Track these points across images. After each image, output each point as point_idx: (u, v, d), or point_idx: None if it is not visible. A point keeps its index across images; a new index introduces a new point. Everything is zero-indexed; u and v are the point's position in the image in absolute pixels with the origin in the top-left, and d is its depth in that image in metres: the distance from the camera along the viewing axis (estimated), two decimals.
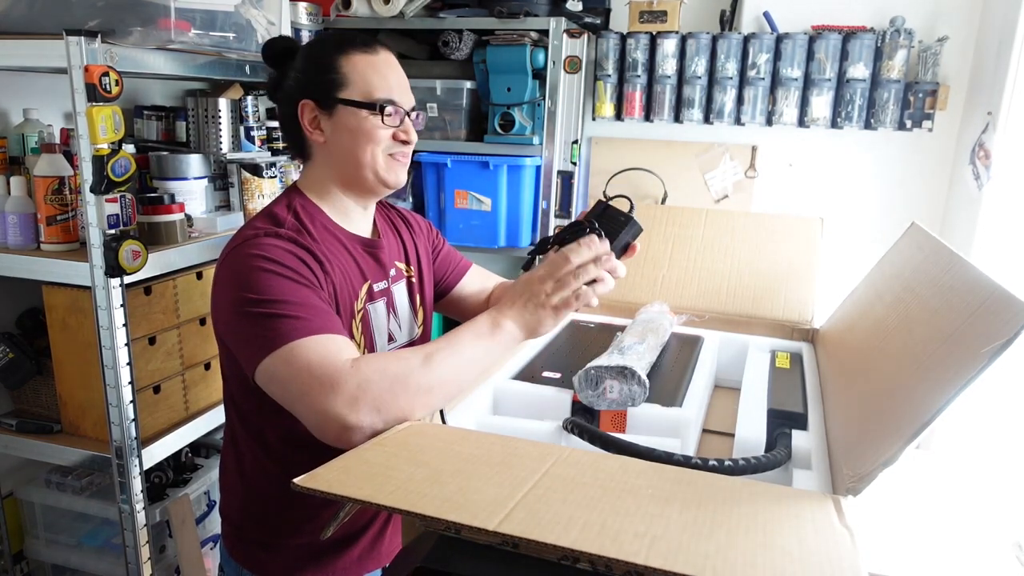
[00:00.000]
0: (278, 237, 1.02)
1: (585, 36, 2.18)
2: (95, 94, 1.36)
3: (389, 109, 1.09)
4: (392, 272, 1.20)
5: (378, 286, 1.16)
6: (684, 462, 0.82)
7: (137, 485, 1.56)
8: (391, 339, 1.19)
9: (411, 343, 1.23)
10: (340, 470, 0.72)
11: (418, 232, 1.31)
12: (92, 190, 1.41)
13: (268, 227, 1.04)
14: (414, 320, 1.25)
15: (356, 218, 1.17)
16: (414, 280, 1.25)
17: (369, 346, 1.14)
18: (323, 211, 1.12)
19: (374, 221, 1.22)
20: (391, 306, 1.19)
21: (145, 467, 1.57)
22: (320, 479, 0.69)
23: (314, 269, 1.02)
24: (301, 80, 1.11)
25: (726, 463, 0.84)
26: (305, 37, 2.10)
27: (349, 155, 1.11)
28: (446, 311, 1.39)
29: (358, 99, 1.09)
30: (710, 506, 0.67)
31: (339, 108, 1.09)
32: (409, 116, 1.13)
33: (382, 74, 1.10)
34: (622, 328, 1.30)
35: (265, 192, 1.87)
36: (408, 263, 1.25)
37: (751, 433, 0.97)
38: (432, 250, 1.33)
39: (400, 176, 1.15)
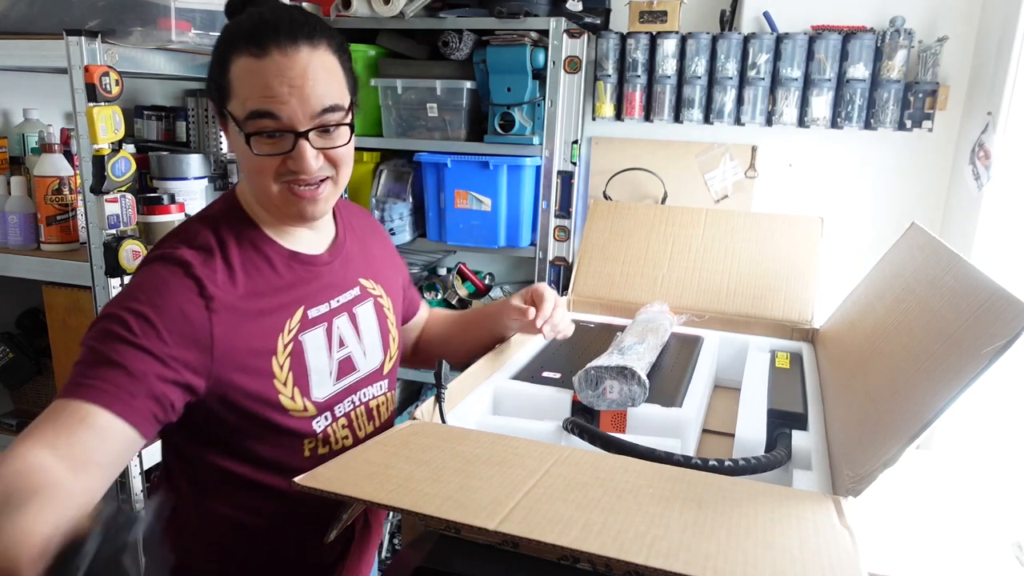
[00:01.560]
0: (173, 263, 0.87)
1: (585, 36, 2.18)
2: (95, 94, 1.36)
3: (257, 134, 0.86)
4: (355, 292, 1.04)
5: (315, 311, 0.97)
6: (684, 462, 0.82)
7: (137, 485, 1.56)
8: (350, 369, 1.01)
9: (376, 373, 1.07)
10: (340, 469, 0.72)
11: (388, 246, 1.19)
12: (92, 190, 1.41)
13: (175, 248, 0.89)
14: (383, 347, 1.08)
15: (294, 233, 0.97)
16: (383, 301, 1.09)
17: (301, 382, 0.94)
18: (257, 224, 0.94)
19: (336, 231, 1.05)
20: (356, 328, 1.03)
21: (145, 467, 1.57)
22: (320, 478, 0.69)
23: (188, 314, 0.85)
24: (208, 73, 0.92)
25: (726, 463, 0.84)
26: None
27: (248, 180, 0.92)
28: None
29: (237, 116, 0.86)
30: (710, 506, 0.67)
31: (230, 122, 0.88)
32: (305, 137, 0.86)
33: (263, 84, 0.84)
34: (622, 328, 1.30)
35: None
36: (376, 281, 1.09)
37: (751, 433, 0.97)
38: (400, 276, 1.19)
39: (307, 210, 0.91)
